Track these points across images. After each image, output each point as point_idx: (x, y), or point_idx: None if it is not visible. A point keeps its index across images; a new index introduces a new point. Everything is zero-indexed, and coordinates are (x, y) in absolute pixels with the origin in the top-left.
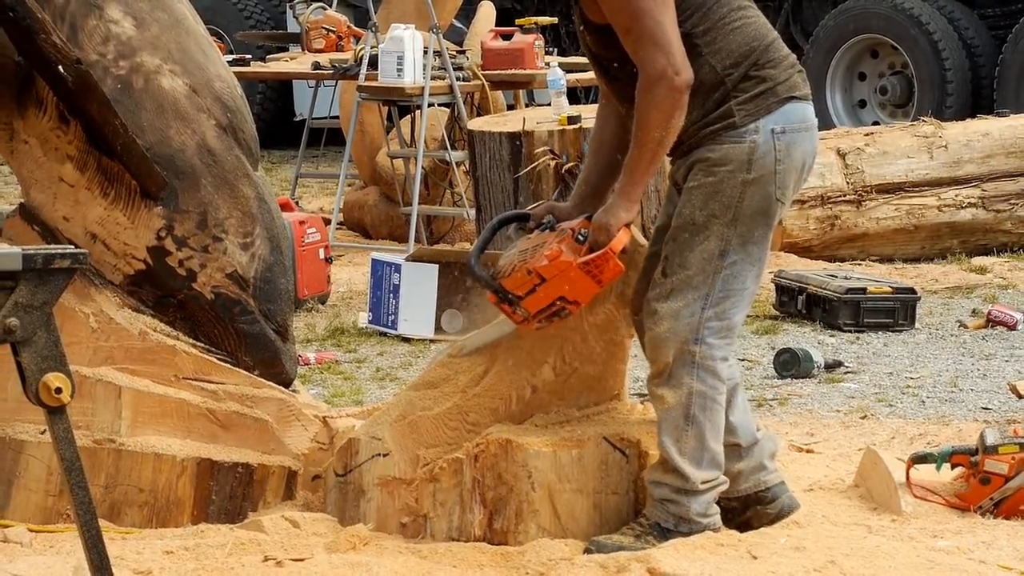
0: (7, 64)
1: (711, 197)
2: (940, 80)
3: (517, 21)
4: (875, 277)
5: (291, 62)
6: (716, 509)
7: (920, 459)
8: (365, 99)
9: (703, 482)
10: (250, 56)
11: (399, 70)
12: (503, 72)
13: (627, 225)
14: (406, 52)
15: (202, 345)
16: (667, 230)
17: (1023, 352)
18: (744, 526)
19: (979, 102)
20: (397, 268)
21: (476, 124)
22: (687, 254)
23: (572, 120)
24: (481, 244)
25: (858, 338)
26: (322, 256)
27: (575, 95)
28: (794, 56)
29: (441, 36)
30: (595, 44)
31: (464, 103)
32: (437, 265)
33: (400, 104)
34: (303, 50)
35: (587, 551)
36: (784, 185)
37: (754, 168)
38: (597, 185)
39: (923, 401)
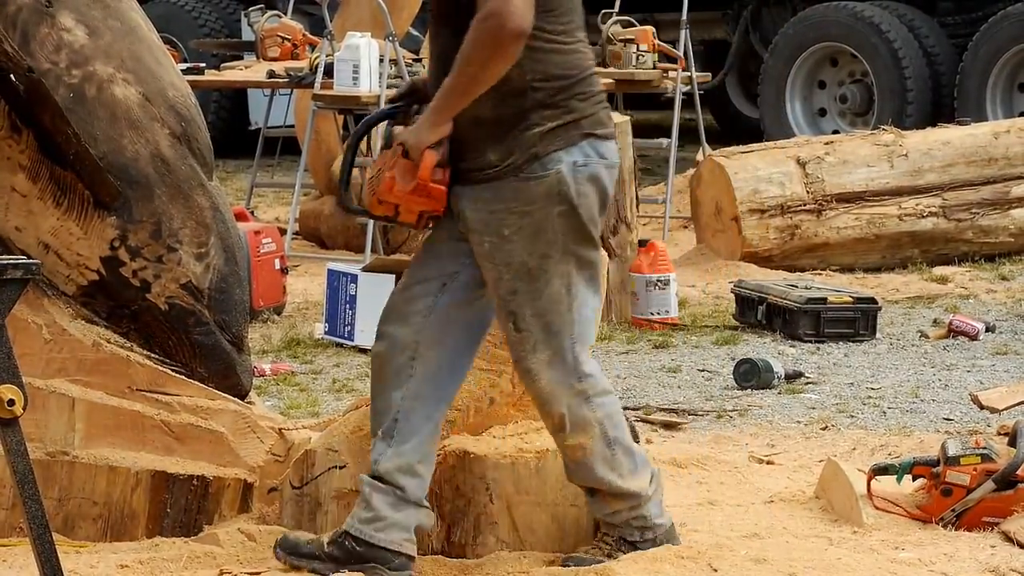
0: None
1: (535, 238)
2: (900, 88)
3: None
4: (835, 287)
5: (246, 70)
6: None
7: (881, 470)
8: (320, 108)
9: (647, 486)
10: (204, 64)
11: (355, 78)
12: None
13: (435, 147)
14: (362, 60)
15: (156, 356)
16: (439, 246)
17: (984, 362)
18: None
19: (940, 110)
20: (354, 278)
21: None
22: (537, 303)
23: None
24: (347, 170)
25: (818, 348)
26: (278, 266)
27: None
28: (604, 94)
29: (397, 44)
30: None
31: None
32: (394, 275)
33: (356, 113)
34: (258, 58)
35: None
36: (591, 213)
37: (564, 199)
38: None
39: (884, 412)
